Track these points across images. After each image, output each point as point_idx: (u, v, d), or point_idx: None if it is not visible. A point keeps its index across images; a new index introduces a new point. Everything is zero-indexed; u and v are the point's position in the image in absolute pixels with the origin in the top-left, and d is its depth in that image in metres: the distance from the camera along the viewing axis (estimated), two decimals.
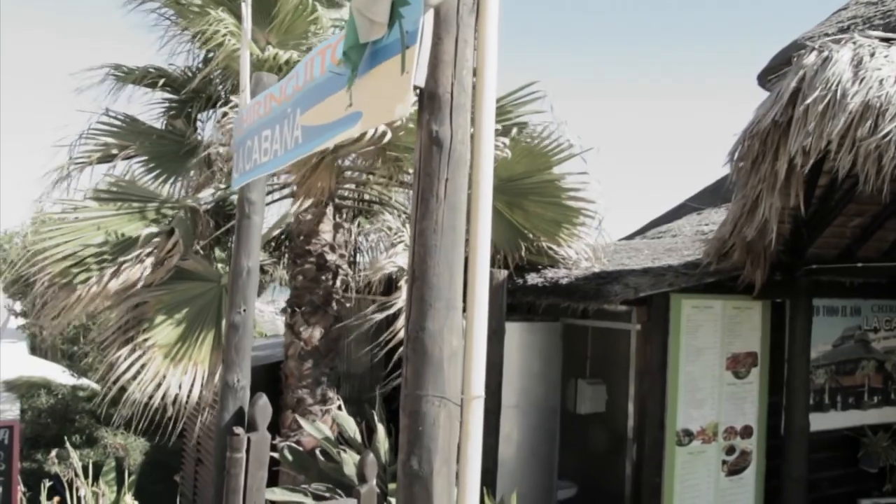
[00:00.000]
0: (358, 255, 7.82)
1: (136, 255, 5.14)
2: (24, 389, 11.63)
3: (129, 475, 7.92)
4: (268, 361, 6.95)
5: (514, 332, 6.23)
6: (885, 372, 6.97)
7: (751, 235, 5.09)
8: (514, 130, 5.85)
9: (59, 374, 13.36)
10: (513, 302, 6.45)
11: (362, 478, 4.40)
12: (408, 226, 5.99)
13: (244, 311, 4.09)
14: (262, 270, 7.83)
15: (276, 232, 7.74)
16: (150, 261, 5.24)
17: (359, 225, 7.67)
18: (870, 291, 6.84)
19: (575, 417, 6.67)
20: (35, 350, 17.62)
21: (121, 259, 5.12)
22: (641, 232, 11.26)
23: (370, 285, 5.95)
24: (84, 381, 13.46)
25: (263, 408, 4.02)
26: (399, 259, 5.53)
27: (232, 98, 6.27)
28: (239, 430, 3.98)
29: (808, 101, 4.39)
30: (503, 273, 5.19)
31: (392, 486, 5.11)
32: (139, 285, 5.26)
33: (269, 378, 6.75)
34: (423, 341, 2.05)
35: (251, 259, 4.13)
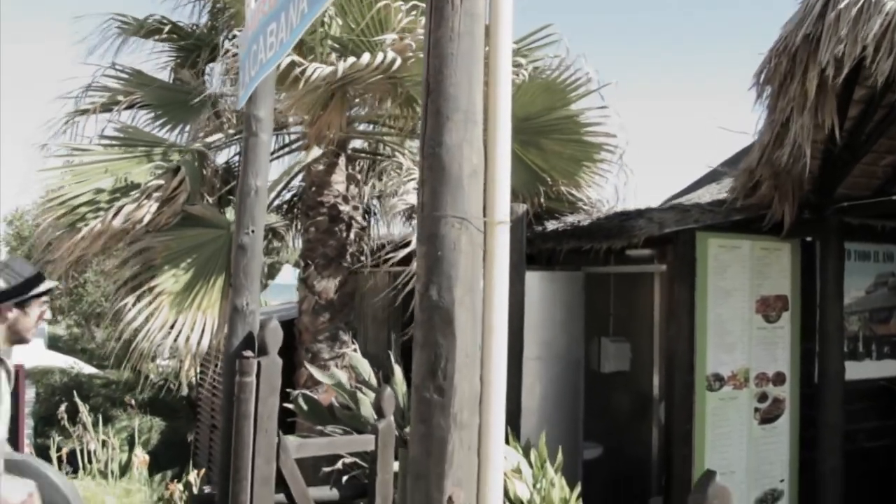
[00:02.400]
0: (371, 218, 7.65)
1: (141, 192, 4.98)
2: (39, 376, 11.55)
3: (140, 436, 7.83)
4: (281, 319, 6.77)
5: (535, 281, 6.03)
6: None
7: (783, 162, 4.86)
8: (530, 69, 5.66)
9: (75, 363, 13.31)
10: (532, 252, 6.25)
11: (380, 412, 4.23)
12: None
13: (253, 231, 3.92)
14: (276, 234, 7.68)
15: (289, 195, 7.60)
16: (155, 199, 5.08)
17: (373, 186, 7.50)
18: None
19: (598, 376, 6.46)
20: (52, 346, 17.64)
21: (125, 199, 4.97)
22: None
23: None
24: (100, 372, 13.38)
25: (274, 331, 3.85)
26: (410, 197, 5.35)
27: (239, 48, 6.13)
28: (248, 353, 3.81)
29: (841, 5, 4.18)
30: (523, 206, 5.00)
31: (408, 429, 4.92)
32: (144, 225, 5.10)
33: (284, 334, 6.58)
34: (440, 157, 1.86)
35: (259, 178, 3.96)
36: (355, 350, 5.85)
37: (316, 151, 6.03)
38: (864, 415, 6.34)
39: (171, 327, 5.33)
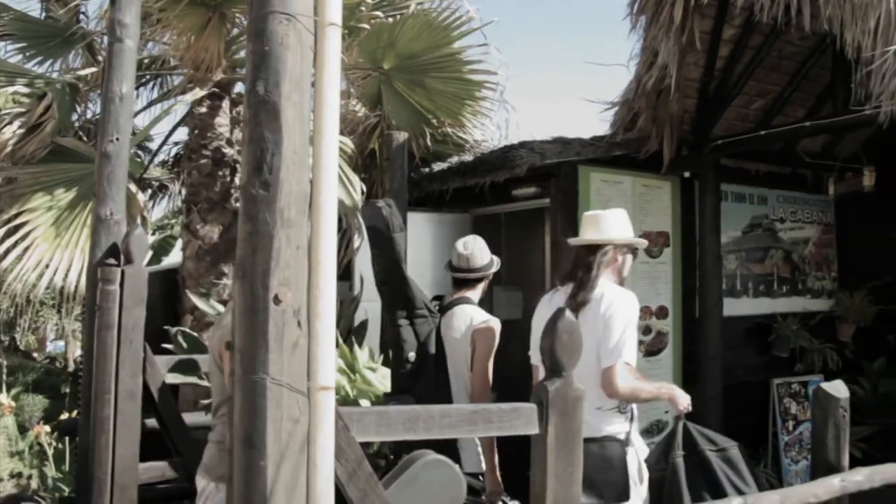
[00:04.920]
0: None
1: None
2: None
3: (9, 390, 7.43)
4: (163, 269, 6.57)
5: (423, 223, 6.04)
6: (792, 263, 7.02)
7: (651, 84, 5.00)
8: (413, 5, 5.66)
9: None
10: (421, 195, 6.26)
11: None
12: None
13: (117, 139, 3.77)
14: (161, 186, 7.44)
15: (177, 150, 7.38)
16: (20, 124, 4.83)
17: None
18: (775, 181, 6.89)
19: None
20: None
21: None
22: None
23: None
24: None
25: (139, 238, 3.71)
26: None
27: None
28: (112, 261, 3.66)
29: None
30: (403, 134, 4.98)
31: None
32: (9, 153, 4.85)
33: (166, 285, 6.39)
34: None
35: (125, 85, 3.81)
36: None
37: (199, 93, 5.86)
38: (742, 350, 6.60)
39: (47, 266, 5.09)
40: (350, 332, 5.11)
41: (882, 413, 6.55)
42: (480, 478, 3.65)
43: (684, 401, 3.21)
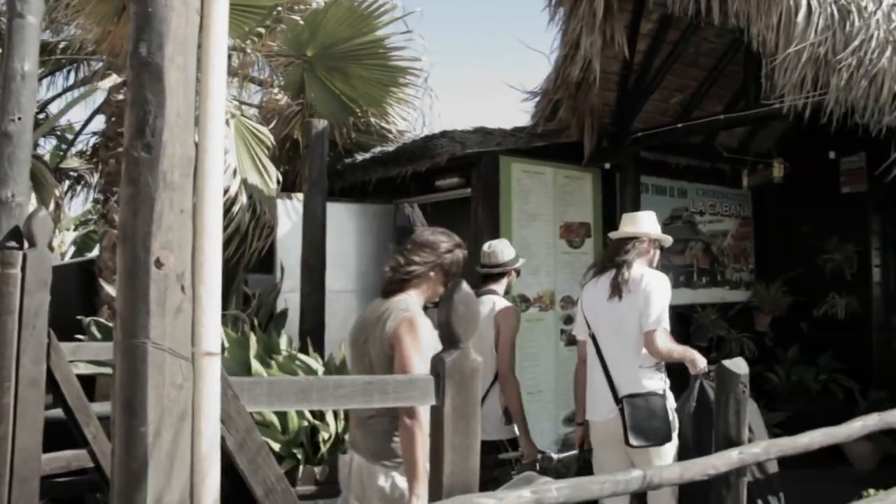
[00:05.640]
0: None
1: None
2: None
3: None
4: (80, 261, 6.39)
5: (346, 214, 6.01)
6: (711, 254, 7.21)
7: (574, 76, 5.08)
8: None
9: None
10: (344, 185, 6.23)
11: None
12: None
13: (19, 118, 3.64)
14: (78, 178, 7.25)
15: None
16: None
17: None
18: (694, 175, 7.08)
19: None
20: None
21: None
22: None
23: None
24: None
25: (43, 220, 3.59)
26: None
27: None
28: (13, 244, 3.54)
29: None
30: (323, 122, 4.94)
31: None
32: None
33: (84, 277, 6.22)
34: None
35: (27, 62, 3.68)
36: None
37: (117, 80, 5.73)
38: None
39: None
40: (270, 320, 5.06)
41: (795, 399, 6.77)
42: (505, 444, 4.04)
43: (701, 363, 3.78)
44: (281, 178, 5.40)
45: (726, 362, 3.39)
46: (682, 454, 3.71)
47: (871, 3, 4.26)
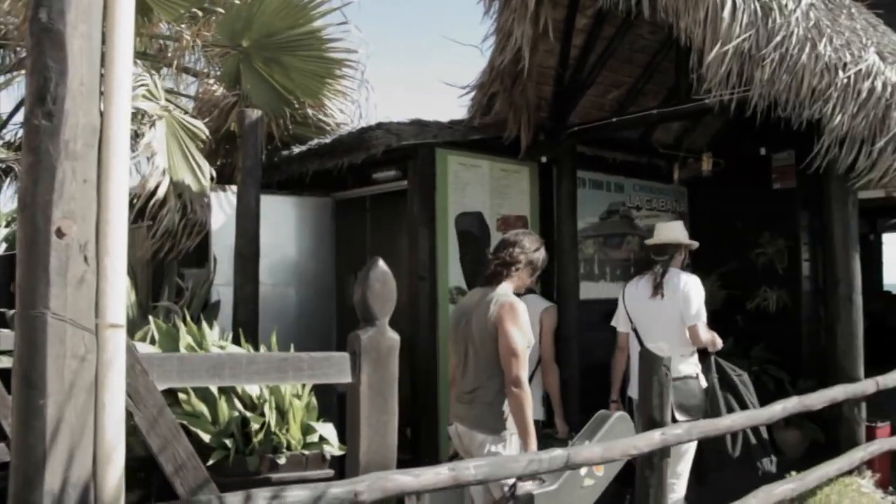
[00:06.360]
0: None
1: None
2: None
3: None
4: (11, 254, 6.22)
5: (282, 206, 5.96)
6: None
7: (506, 66, 5.13)
8: None
9: None
10: (281, 178, 6.18)
11: None
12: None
13: None
14: (7, 170, 7.05)
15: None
16: None
17: None
18: (631, 170, 7.20)
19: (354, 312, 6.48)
20: None
21: None
22: None
23: None
24: None
25: None
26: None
27: None
28: None
29: None
30: (257, 112, 4.89)
31: None
32: None
33: (14, 271, 6.04)
34: None
35: None
36: None
37: None
38: (600, 333, 6.81)
39: None
40: (203, 311, 4.99)
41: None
42: (541, 424, 4.69)
43: (719, 343, 4.49)
44: (215, 174, 5.33)
45: (650, 345, 3.47)
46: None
47: (790, 1, 4.39)
